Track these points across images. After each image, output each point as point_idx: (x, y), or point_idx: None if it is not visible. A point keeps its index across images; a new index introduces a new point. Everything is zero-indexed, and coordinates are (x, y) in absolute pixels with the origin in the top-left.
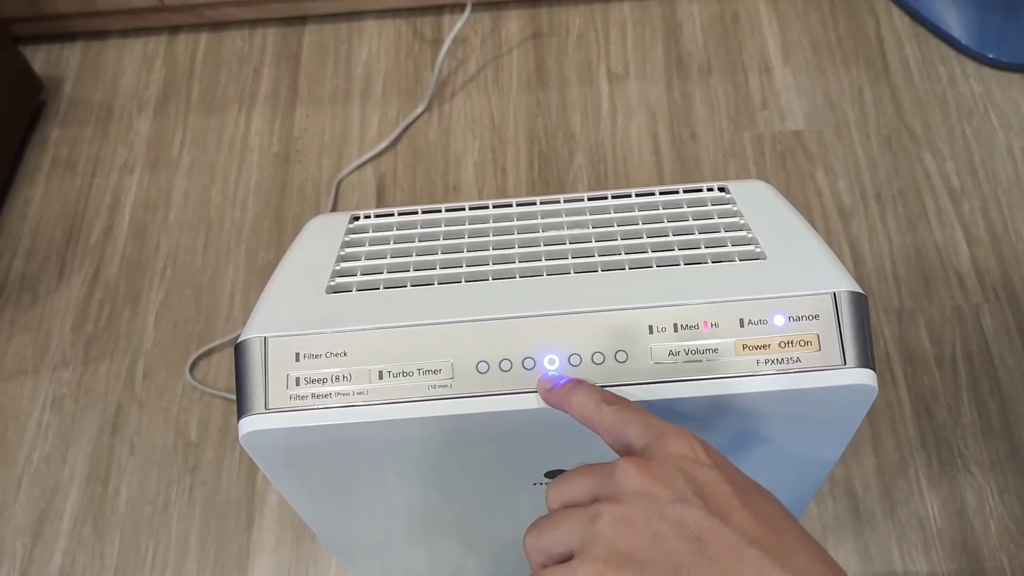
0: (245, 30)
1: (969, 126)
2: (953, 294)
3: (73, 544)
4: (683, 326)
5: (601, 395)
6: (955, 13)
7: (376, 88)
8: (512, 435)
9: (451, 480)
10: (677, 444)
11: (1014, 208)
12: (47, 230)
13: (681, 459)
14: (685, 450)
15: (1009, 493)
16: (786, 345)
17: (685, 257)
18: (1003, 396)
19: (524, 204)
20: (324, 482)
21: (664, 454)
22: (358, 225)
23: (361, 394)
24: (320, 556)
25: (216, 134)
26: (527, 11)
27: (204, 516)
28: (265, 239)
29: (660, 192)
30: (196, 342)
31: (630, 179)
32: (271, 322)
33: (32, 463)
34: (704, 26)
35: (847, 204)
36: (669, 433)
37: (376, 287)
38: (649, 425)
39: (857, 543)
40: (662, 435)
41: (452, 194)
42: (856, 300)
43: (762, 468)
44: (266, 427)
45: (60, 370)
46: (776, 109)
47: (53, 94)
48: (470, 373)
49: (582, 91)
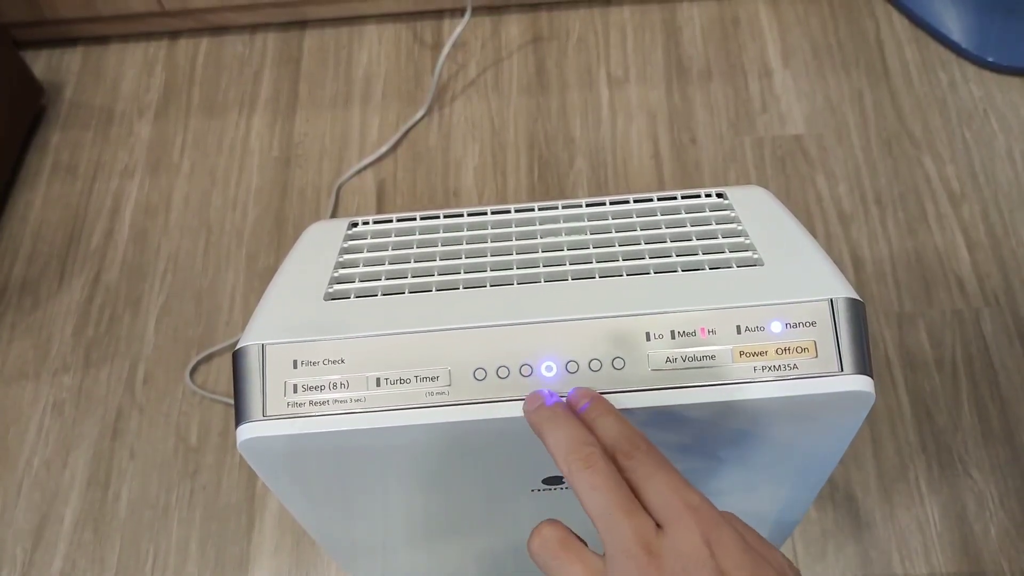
0: (246, 35)
1: (969, 130)
2: (953, 298)
3: (73, 548)
4: (680, 333)
5: (581, 453)
6: (955, 17)
7: (376, 92)
8: (510, 442)
9: (449, 487)
10: (690, 541)
11: (1014, 212)
12: (48, 234)
13: (693, 564)
14: (697, 551)
15: (1009, 497)
16: (783, 352)
17: (683, 263)
18: (1003, 400)
19: (522, 210)
20: (322, 489)
21: (675, 553)
22: (356, 232)
23: (359, 401)
24: (320, 560)
25: (217, 138)
26: (527, 15)
27: (204, 520)
28: (265, 243)
29: (658, 198)
30: (196, 346)
31: (630, 183)
32: (269, 329)
33: (33, 467)
34: (704, 30)
35: (847, 208)
36: (682, 521)
37: (374, 294)
38: (661, 505)
39: (857, 547)
40: (677, 520)
41: (452, 198)
42: (853, 307)
43: (760, 474)
44: (264, 434)
45: (61, 374)
46: (776, 113)
47: (54, 99)
48: (467, 380)
49: (582, 95)
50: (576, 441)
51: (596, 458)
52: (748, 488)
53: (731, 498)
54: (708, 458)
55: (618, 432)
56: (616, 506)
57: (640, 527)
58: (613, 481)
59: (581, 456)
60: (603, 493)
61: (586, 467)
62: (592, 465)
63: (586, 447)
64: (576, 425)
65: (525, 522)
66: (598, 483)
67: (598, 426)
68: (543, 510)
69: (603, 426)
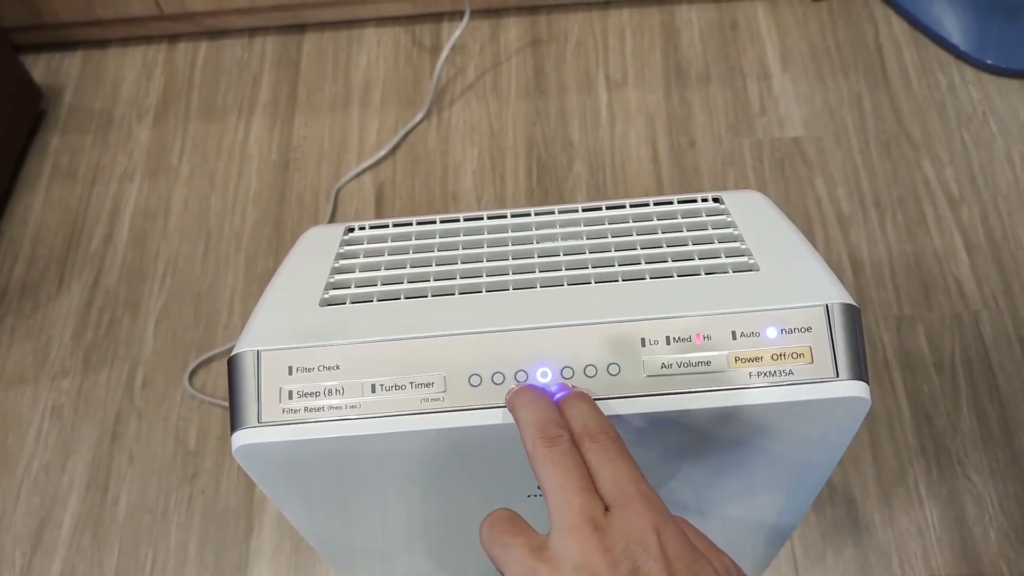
0: (244, 38)
1: (968, 132)
2: (952, 301)
3: (72, 553)
4: (676, 339)
5: (549, 433)
6: (954, 19)
7: (375, 96)
8: (505, 448)
9: (444, 493)
10: (638, 523)
11: (1013, 215)
12: (47, 238)
13: (635, 544)
14: (643, 533)
15: (1009, 500)
16: (779, 357)
17: (678, 269)
18: (1003, 403)
19: (518, 215)
20: (318, 494)
21: (620, 531)
22: (353, 237)
23: (354, 407)
24: (318, 565)
25: (215, 142)
26: (526, 18)
27: (203, 525)
28: (264, 247)
29: (654, 203)
30: (195, 350)
31: (629, 187)
32: (264, 335)
33: (32, 472)
34: (703, 33)
35: (846, 211)
36: (632, 506)
37: (370, 299)
38: (614, 485)
39: (856, 551)
40: (628, 503)
41: (451, 202)
42: (849, 312)
43: (756, 479)
44: (259, 440)
45: (60, 378)
46: (775, 116)
47: (53, 102)
48: (463, 386)
49: (581, 98)
50: (546, 422)
51: (561, 440)
52: (744, 493)
53: (726, 503)
54: (704, 463)
55: (589, 416)
56: (568, 483)
57: (588, 503)
58: (572, 461)
59: (548, 436)
60: (559, 469)
61: (550, 446)
62: (556, 445)
63: (555, 428)
64: (550, 408)
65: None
66: (556, 459)
67: (570, 409)
68: (539, 516)
69: (575, 409)
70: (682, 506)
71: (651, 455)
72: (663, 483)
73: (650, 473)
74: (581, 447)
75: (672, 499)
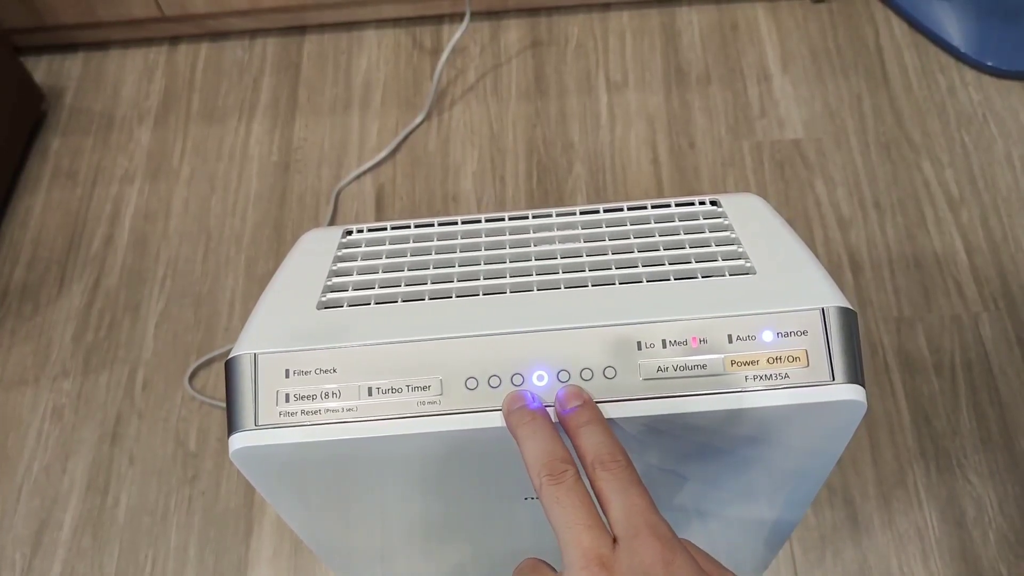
0: (245, 40)
1: (968, 134)
2: (952, 303)
3: (72, 554)
4: (672, 342)
5: (555, 469)
6: (954, 22)
7: (375, 98)
8: (502, 451)
9: (442, 495)
10: (648, 555)
11: (1013, 216)
12: (48, 240)
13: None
14: (651, 568)
15: (1008, 503)
16: (775, 361)
17: (675, 272)
18: (1002, 405)
19: (516, 218)
20: (315, 497)
21: (629, 567)
22: (351, 240)
23: (351, 411)
24: (318, 567)
25: (216, 144)
26: (526, 20)
27: (203, 526)
28: (264, 249)
29: (652, 206)
30: (195, 352)
31: (629, 189)
32: (261, 338)
33: (32, 473)
34: (703, 35)
35: (846, 213)
36: (640, 538)
37: (367, 303)
38: (621, 517)
39: (855, 553)
40: (636, 536)
41: (451, 204)
42: (845, 316)
43: (753, 481)
44: (256, 443)
45: (60, 380)
46: (775, 118)
47: (54, 104)
48: (459, 389)
49: (581, 100)
50: (551, 456)
51: (566, 476)
52: (741, 495)
53: (724, 505)
54: (700, 466)
55: (601, 442)
56: (577, 520)
57: (597, 540)
58: (579, 497)
59: (554, 472)
60: (567, 507)
61: (556, 483)
62: (562, 481)
63: (560, 464)
64: (554, 439)
65: (519, 530)
66: (562, 497)
67: (583, 434)
68: (537, 518)
69: (588, 434)
70: (680, 509)
71: (648, 458)
72: (660, 486)
73: (647, 476)
74: (592, 474)
75: (670, 502)
